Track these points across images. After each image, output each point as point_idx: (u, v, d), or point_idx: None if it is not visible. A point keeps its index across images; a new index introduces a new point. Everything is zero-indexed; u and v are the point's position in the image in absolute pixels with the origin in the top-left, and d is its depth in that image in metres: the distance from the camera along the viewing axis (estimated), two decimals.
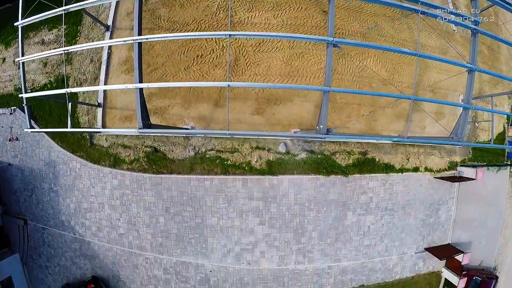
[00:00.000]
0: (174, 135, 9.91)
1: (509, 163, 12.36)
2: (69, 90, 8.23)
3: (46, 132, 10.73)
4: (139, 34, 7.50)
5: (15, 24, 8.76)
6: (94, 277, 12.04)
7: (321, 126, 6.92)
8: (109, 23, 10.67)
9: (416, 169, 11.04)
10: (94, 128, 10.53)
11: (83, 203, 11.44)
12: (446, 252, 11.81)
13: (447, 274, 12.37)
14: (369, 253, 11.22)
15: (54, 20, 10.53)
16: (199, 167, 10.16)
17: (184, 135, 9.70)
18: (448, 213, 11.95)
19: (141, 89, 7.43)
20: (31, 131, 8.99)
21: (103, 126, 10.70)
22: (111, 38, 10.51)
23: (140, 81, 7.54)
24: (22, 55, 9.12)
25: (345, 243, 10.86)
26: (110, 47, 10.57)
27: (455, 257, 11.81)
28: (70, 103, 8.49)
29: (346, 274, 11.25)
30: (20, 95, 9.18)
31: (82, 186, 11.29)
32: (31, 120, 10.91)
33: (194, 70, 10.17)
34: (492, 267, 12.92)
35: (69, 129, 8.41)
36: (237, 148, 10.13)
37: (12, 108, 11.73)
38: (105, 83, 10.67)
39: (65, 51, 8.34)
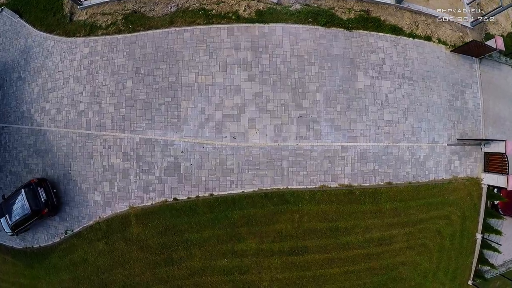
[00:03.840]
0: None
1: None
2: None
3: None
4: None
5: None
6: (42, 178, 7.17)
7: None
8: None
9: (428, 38, 7.30)
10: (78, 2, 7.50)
11: (48, 83, 7.49)
12: (481, 139, 7.08)
13: (489, 179, 7.12)
14: (392, 133, 6.49)
15: None
16: (180, 20, 6.66)
17: None
18: (475, 100, 7.60)
19: None
20: None
21: None
22: None
23: None
24: None
25: (360, 113, 6.32)
26: None
27: (493, 149, 6.81)
28: None
29: (367, 162, 6.25)
30: None
31: (51, 64, 7.56)
32: (17, 14, 8.28)
33: None
34: None
35: None
36: (223, 1, 6.81)
37: (1, 8, 8.88)
38: None
39: None
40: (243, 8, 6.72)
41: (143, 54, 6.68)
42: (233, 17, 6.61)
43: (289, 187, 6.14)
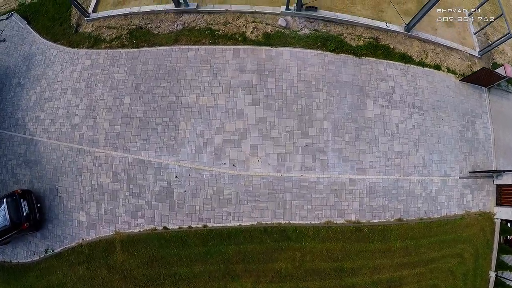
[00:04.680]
0: None
1: None
2: None
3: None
4: None
5: None
6: (27, 190, 6.30)
7: None
8: None
9: (437, 67, 6.78)
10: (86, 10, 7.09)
11: (46, 92, 6.87)
12: (493, 171, 6.36)
13: (502, 212, 6.35)
14: (403, 166, 5.76)
15: None
16: (185, 38, 6.16)
17: None
18: (486, 130, 6.99)
19: None
20: None
21: (94, 12, 7.63)
22: None
23: None
24: None
25: (370, 144, 5.63)
26: None
27: (506, 181, 6.15)
28: None
29: (377, 197, 5.46)
30: None
31: (51, 73, 6.99)
32: (25, 21, 7.93)
33: None
34: None
35: None
36: (230, 22, 6.48)
37: (11, 12, 8.59)
38: None
39: None
40: (251, 30, 6.25)
41: (144, 71, 6.10)
42: (239, 38, 6.10)
43: (291, 222, 5.30)
